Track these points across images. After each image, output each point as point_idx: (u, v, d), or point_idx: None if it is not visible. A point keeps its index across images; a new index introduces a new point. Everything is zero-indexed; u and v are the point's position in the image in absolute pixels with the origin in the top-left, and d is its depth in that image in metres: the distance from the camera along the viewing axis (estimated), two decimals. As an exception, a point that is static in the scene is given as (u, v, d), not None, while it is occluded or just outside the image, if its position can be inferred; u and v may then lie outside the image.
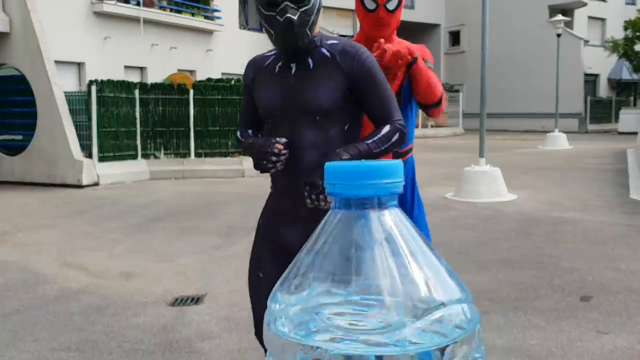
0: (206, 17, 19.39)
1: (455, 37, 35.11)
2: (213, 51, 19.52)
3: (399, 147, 2.00)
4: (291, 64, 2.00)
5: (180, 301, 4.57)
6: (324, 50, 2.00)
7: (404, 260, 0.37)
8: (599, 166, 13.85)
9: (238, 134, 2.23)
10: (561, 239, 6.46)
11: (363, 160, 1.90)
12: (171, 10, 18.29)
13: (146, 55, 16.95)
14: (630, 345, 3.57)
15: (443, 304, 0.36)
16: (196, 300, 4.58)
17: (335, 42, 2.02)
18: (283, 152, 1.90)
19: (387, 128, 1.95)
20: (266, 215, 2.14)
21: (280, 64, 2.04)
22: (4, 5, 11.58)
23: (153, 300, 4.58)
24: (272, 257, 2.08)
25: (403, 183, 0.39)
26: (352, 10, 26.38)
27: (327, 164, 0.40)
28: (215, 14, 19.68)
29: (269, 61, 2.08)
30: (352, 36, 2.72)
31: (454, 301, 0.37)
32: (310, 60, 1.99)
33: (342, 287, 0.36)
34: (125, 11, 16.26)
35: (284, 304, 0.37)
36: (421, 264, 0.38)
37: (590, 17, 34.03)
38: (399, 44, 2.61)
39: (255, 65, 2.12)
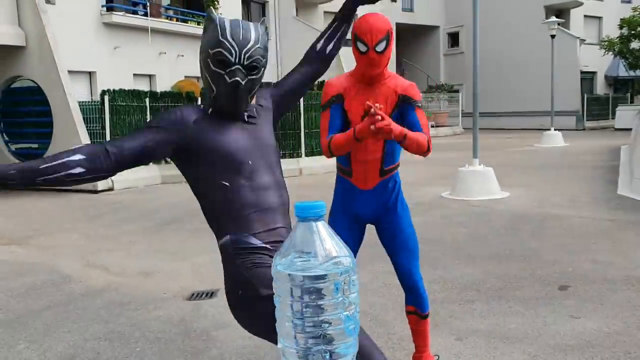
0: (211, 25, 19.81)
1: (454, 39, 35.41)
2: (218, 57, 19.98)
3: None
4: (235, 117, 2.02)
5: (196, 296, 4.94)
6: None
7: (325, 240, 0.90)
8: (592, 163, 14.07)
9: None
10: (547, 234, 6.79)
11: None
12: (177, 19, 18.78)
13: (154, 63, 17.42)
14: (598, 328, 3.94)
15: (338, 256, 0.89)
16: (210, 294, 4.96)
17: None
18: None
19: None
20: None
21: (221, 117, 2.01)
22: (20, 20, 12.05)
23: (171, 296, 4.95)
24: None
25: (324, 212, 0.92)
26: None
27: (298, 205, 0.93)
28: (219, 21, 20.09)
29: (206, 112, 2.02)
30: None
31: (345, 256, 0.90)
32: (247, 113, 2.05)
33: (301, 251, 0.90)
34: (133, 21, 16.74)
35: (279, 262, 0.91)
36: (333, 240, 0.91)
37: (586, 16, 34.25)
38: (394, 79, 2.96)
39: (197, 113, 2.02)
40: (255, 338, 3.95)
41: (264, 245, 1.96)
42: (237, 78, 1.88)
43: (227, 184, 1.96)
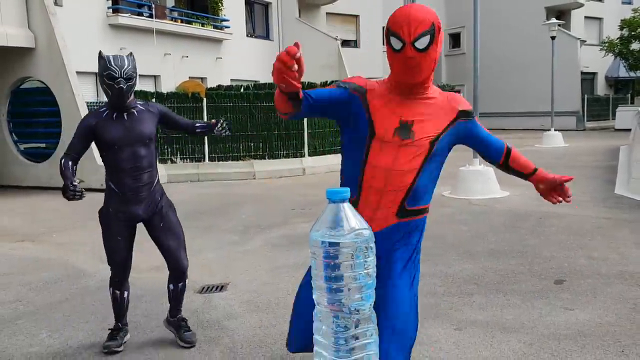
0: (215, 27, 20.03)
1: (455, 39, 35.65)
2: (222, 58, 20.21)
3: None
4: (123, 114, 3.48)
5: (207, 289, 5.13)
6: (139, 106, 3.56)
7: (349, 217, 1.13)
8: (592, 163, 14.23)
9: (63, 160, 3.39)
10: (545, 231, 6.96)
11: None
12: (182, 21, 18.99)
13: (159, 64, 17.64)
14: (591, 319, 4.13)
15: (359, 229, 1.12)
16: (220, 288, 5.17)
17: (141, 103, 3.61)
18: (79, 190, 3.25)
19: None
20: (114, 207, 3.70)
21: (114, 115, 3.48)
22: (29, 22, 12.27)
23: (183, 289, 5.20)
24: (128, 228, 3.81)
25: (348, 196, 1.15)
26: (355, 16, 26.98)
27: (329, 190, 1.15)
28: (224, 23, 20.33)
29: (105, 115, 3.49)
30: (355, 40, 2.93)
31: (364, 229, 1.12)
32: (134, 112, 3.53)
33: (332, 225, 1.13)
34: (139, 23, 16.97)
35: (315, 232, 1.14)
36: (355, 217, 1.14)
37: (587, 17, 34.39)
38: (440, 96, 2.33)
39: (97, 117, 3.51)
40: (264, 327, 4.20)
41: (115, 189, 3.62)
42: (121, 85, 3.35)
43: (105, 154, 3.52)
